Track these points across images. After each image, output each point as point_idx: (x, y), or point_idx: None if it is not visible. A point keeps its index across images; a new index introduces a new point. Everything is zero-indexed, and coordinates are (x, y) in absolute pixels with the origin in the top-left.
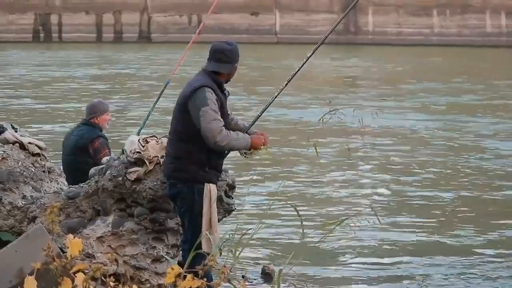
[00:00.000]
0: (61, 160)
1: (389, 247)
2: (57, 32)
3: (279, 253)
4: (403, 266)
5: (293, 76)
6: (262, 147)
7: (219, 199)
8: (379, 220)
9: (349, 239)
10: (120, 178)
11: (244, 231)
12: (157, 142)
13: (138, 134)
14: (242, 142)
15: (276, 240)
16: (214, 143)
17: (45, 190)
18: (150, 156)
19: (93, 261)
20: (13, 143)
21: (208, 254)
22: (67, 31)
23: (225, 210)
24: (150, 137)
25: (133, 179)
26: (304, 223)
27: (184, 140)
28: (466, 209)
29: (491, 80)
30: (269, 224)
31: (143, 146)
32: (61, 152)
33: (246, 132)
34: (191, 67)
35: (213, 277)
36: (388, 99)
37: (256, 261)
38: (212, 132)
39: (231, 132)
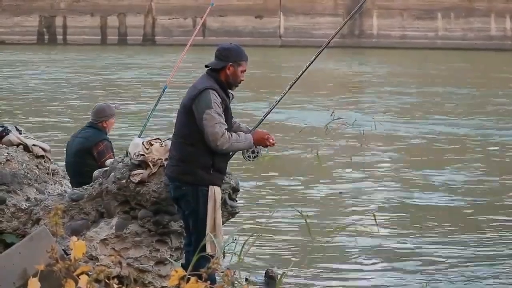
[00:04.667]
0: (64, 162)
1: (392, 253)
2: (61, 35)
3: (283, 257)
4: (405, 272)
5: (296, 80)
6: (266, 148)
7: (223, 202)
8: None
9: (352, 244)
10: (124, 181)
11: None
12: (161, 144)
13: (139, 137)
14: (244, 143)
15: (280, 244)
16: (216, 146)
17: (49, 192)
18: (154, 158)
19: (97, 263)
20: (17, 145)
21: (212, 257)
22: (71, 34)
23: (229, 213)
24: (154, 139)
25: (137, 181)
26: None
27: (188, 143)
28: (467, 213)
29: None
30: (273, 227)
31: (147, 149)
32: (65, 154)
33: None
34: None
35: (216, 280)
36: (392, 103)
37: (260, 264)
38: (214, 135)
39: (233, 134)
